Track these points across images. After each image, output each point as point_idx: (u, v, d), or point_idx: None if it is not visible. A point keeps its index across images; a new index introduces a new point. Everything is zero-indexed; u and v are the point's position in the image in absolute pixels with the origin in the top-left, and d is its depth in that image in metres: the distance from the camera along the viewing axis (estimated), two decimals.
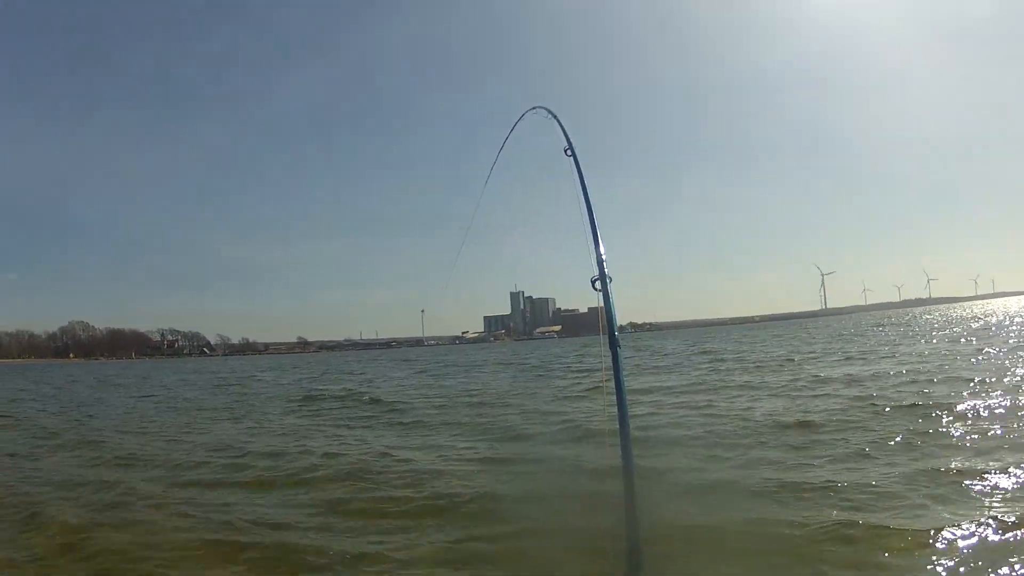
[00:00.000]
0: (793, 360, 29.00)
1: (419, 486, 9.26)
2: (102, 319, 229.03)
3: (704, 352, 43.45)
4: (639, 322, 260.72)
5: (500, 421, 15.60)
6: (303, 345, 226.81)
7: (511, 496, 8.51)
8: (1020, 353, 23.68)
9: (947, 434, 10.54)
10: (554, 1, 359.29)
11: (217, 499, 9.27)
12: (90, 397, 32.74)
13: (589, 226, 4.96)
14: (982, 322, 56.89)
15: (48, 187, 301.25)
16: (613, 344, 4.57)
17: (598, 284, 4.69)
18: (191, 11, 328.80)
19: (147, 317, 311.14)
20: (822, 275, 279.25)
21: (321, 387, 32.24)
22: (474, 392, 24.87)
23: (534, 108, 6.35)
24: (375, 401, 22.77)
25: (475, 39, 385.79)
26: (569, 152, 5.46)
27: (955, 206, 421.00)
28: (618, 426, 4.37)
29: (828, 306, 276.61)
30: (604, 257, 4.79)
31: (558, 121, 5.79)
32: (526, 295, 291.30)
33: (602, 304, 4.66)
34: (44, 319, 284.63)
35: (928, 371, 19.70)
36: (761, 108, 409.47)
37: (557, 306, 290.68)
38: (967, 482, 7.64)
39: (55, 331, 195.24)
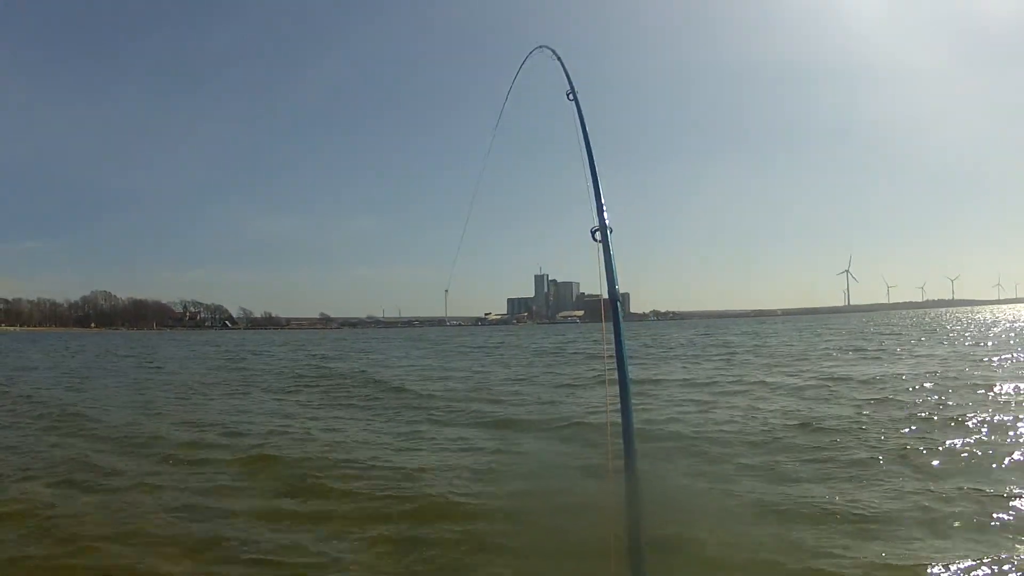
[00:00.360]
0: (809, 359, 28.34)
1: (373, 479, 8.86)
2: (125, 289, 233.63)
3: (722, 344, 43.06)
4: (663, 310, 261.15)
5: (493, 411, 15.16)
6: (325, 321, 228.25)
7: (476, 499, 8.03)
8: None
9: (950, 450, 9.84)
10: None
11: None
12: (89, 369, 32.93)
13: (589, 171, 4.38)
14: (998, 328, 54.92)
15: (77, 158, 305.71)
16: (614, 305, 3.97)
17: (598, 235, 4.11)
18: None
19: (171, 288, 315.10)
20: (848, 272, 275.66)
21: (330, 365, 32.36)
22: (478, 376, 24.56)
23: (540, 47, 5.80)
24: (373, 382, 22.68)
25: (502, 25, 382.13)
26: (571, 96, 4.92)
27: (983, 207, 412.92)
28: (620, 416, 3.76)
29: (851, 303, 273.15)
30: (604, 205, 4.20)
31: (561, 62, 5.25)
32: (551, 278, 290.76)
33: (602, 257, 4.06)
34: (68, 288, 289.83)
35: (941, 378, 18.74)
36: (792, 99, 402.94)
37: (581, 291, 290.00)
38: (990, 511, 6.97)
39: (77, 300, 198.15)
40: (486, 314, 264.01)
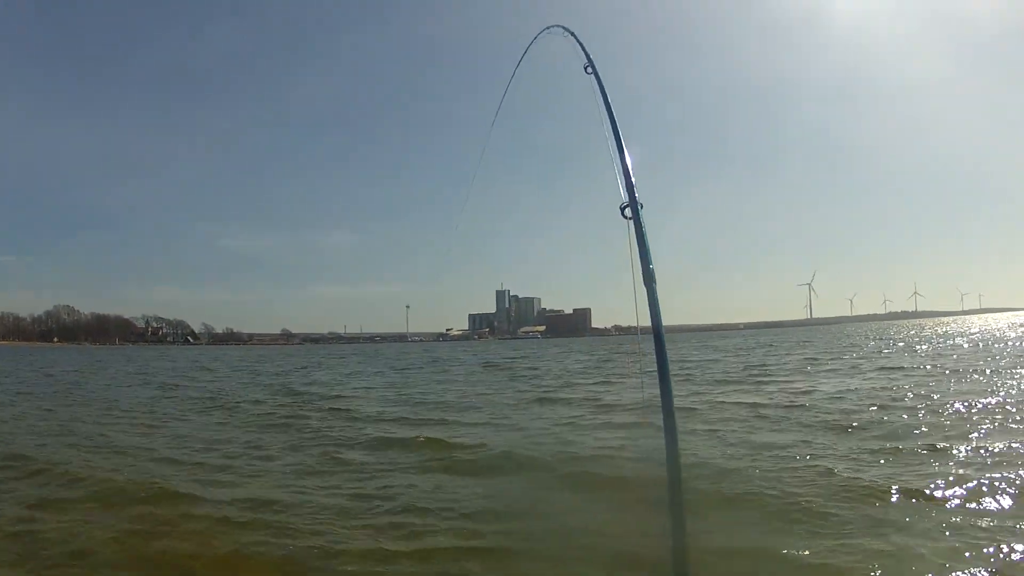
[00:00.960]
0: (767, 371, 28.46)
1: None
2: (91, 305, 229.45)
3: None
4: (624, 325, 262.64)
5: (409, 443, 13.36)
6: (287, 337, 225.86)
7: None
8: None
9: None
10: None
11: None
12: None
13: (615, 145, 4.08)
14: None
15: (48, 175, 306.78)
16: (650, 284, 3.63)
17: (628, 211, 3.79)
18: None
19: (137, 305, 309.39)
20: (809, 285, 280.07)
21: (281, 383, 31.49)
22: (415, 397, 23.55)
23: (548, 28, 5.52)
24: (295, 403, 21.99)
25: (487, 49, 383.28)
26: (589, 69, 4.69)
27: (946, 220, 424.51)
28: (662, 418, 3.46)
29: (814, 315, 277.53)
30: (634, 180, 3.90)
31: (575, 37, 4.99)
32: (512, 294, 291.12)
33: (634, 235, 3.74)
34: (37, 303, 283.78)
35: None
36: (758, 116, 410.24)
37: (543, 306, 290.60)
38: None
39: (40, 315, 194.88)
40: (447, 330, 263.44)
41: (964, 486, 8.22)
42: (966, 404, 14.87)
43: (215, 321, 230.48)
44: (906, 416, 13.86)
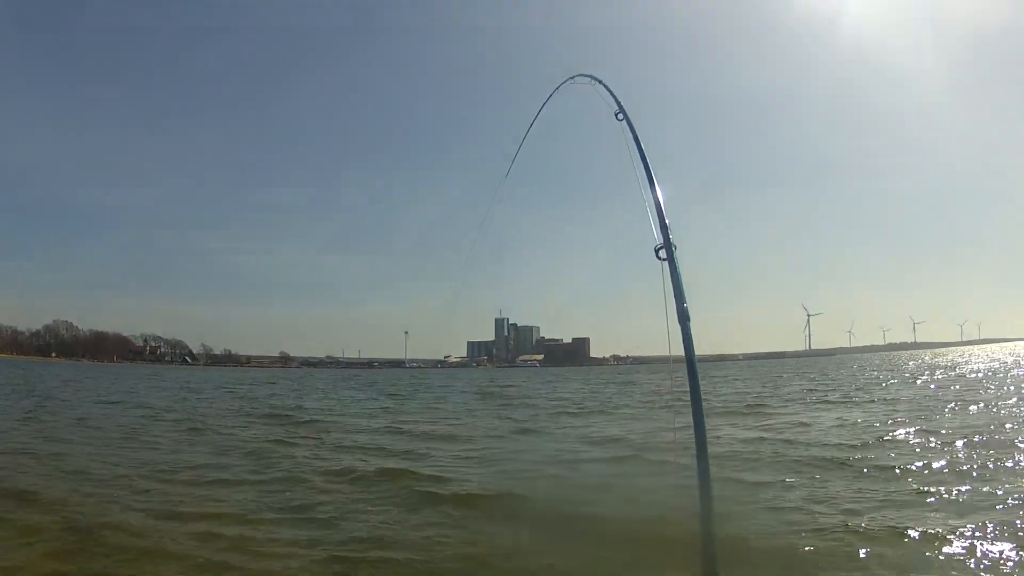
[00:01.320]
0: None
1: None
2: (85, 316, 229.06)
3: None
4: (622, 355, 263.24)
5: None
6: (285, 360, 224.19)
7: None
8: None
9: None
10: None
11: None
12: None
13: (648, 188, 4.29)
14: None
15: (42, 184, 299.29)
16: (684, 323, 3.82)
17: (662, 252, 4.00)
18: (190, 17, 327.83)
19: (133, 318, 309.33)
20: (808, 315, 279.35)
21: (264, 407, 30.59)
22: (394, 429, 21.79)
23: (573, 78, 5.72)
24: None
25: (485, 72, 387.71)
26: (620, 116, 4.90)
27: (947, 250, 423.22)
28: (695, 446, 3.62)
29: (813, 347, 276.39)
30: (668, 221, 4.11)
31: (604, 85, 5.21)
32: (511, 322, 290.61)
33: (668, 276, 3.94)
34: (30, 313, 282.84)
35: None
36: (757, 139, 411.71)
37: (541, 335, 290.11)
38: None
39: (39, 329, 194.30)
40: (446, 356, 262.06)
41: None
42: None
43: (214, 342, 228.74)
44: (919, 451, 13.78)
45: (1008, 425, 17.17)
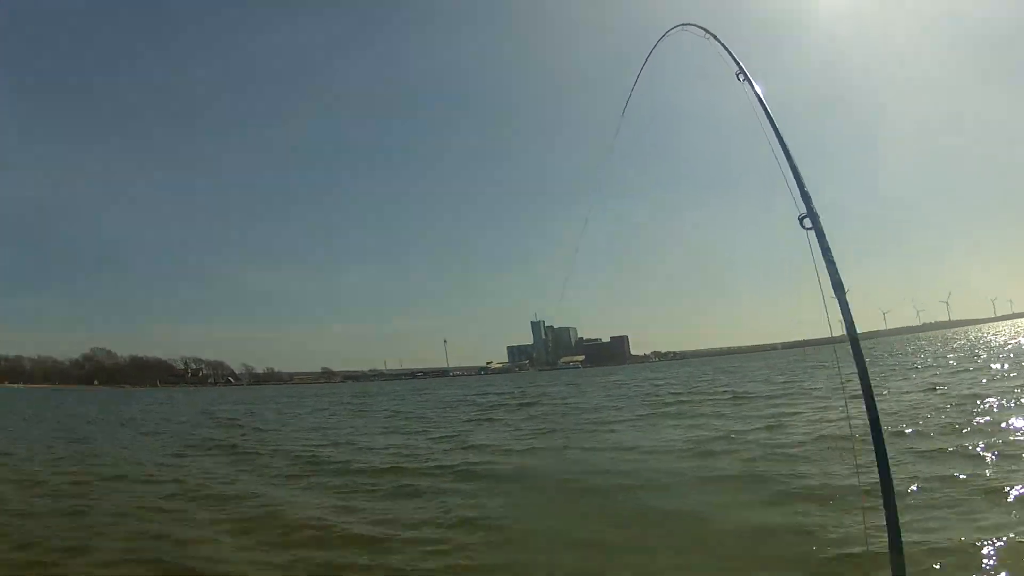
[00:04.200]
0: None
1: None
2: (121, 343, 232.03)
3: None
4: (663, 351, 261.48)
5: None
6: (328, 375, 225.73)
7: None
8: None
9: None
10: None
11: None
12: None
13: (783, 155, 3.99)
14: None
15: (74, 214, 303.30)
16: (840, 294, 3.54)
17: (806, 222, 3.72)
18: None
19: (169, 342, 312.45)
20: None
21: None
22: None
23: (681, 25, 4.96)
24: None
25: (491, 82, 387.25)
26: (742, 76, 4.37)
27: (979, 225, 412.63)
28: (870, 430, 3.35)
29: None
30: (807, 189, 3.82)
31: (719, 41, 4.61)
32: (547, 324, 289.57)
33: (815, 245, 3.66)
34: (66, 343, 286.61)
35: None
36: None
37: (580, 335, 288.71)
38: None
39: (78, 358, 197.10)
40: (488, 363, 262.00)
41: None
42: None
43: (253, 360, 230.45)
44: None
45: None
